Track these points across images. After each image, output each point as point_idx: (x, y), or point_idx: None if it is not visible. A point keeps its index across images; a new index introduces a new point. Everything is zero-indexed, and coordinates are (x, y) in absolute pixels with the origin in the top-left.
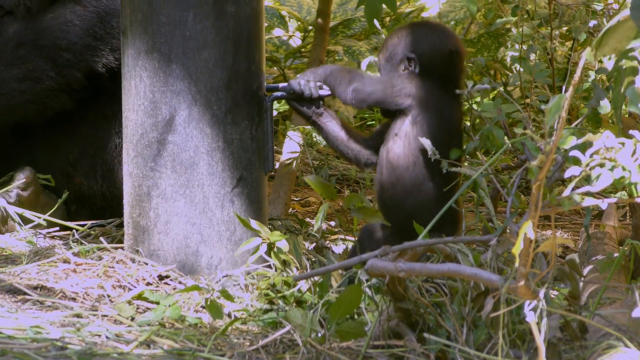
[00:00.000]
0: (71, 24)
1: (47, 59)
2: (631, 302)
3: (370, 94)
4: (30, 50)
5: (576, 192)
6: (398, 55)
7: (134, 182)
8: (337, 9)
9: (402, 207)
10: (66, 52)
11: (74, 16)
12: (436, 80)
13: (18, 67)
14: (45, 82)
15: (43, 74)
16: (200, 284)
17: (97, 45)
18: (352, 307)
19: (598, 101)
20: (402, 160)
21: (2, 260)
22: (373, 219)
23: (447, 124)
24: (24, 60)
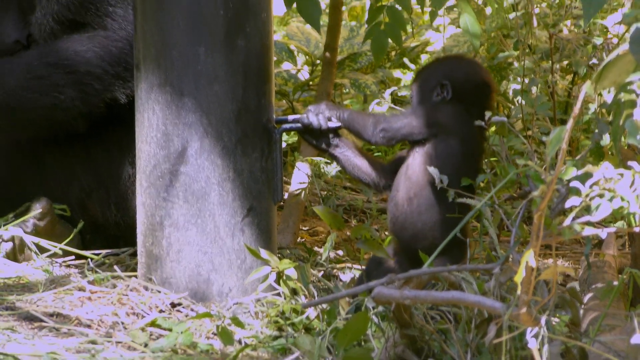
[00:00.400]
0: (106, 52)
1: (78, 88)
2: (630, 329)
3: (399, 129)
4: (64, 78)
5: (576, 221)
6: (432, 82)
7: (147, 212)
8: (344, 44)
9: (415, 224)
10: (98, 81)
11: (109, 43)
12: (466, 107)
13: (50, 97)
14: (72, 112)
15: (72, 104)
16: (212, 311)
17: (126, 76)
18: (359, 334)
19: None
20: (421, 177)
21: (19, 289)
22: (378, 252)
23: (471, 150)
24: (58, 90)
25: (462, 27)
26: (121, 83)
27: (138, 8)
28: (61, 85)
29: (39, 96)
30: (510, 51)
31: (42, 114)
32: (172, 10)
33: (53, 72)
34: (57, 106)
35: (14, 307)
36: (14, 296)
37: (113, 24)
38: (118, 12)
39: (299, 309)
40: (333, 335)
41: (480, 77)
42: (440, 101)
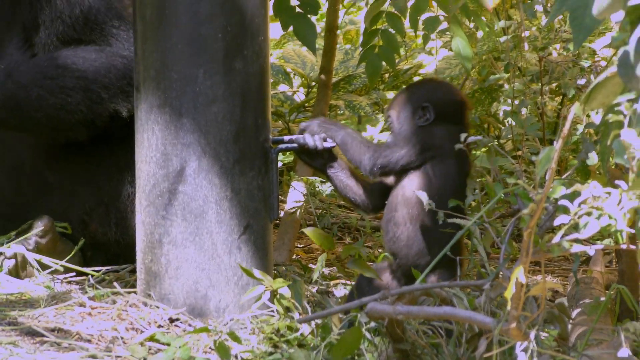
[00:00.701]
0: (112, 66)
1: (85, 94)
2: (617, 343)
3: (397, 162)
4: (74, 82)
5: (565, 239)
6: (412, 106)
7: (146, 230)
8: (339, 66)
9: (420, 241)
10: (104, 90)
11: (116, 57)
12: (449, 127)
13: (57, 97)
14: (76, 116)
15: (77, 109)
16: (209, 327)
17: (129, 91)
18: (353, 349)
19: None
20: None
21: (21, 304)
22: (366, 272)
23: (465, 168)
24: (66, 92)
25: (454, 50)
26: (124, 97)
27: (138, 30)
28: (69, 87)
29: (48, 95)
30: (501, 73)
31: (48, 113)
32: (171, 33)
33: (63, 75)
34: (63, 108)
35: (17, 323)
36: (16, 312)
37: (117, 44)
38: (121, 34)
39: (294, 327)
40: (327, 349)
41: (458, 96)
42: (424, 124)
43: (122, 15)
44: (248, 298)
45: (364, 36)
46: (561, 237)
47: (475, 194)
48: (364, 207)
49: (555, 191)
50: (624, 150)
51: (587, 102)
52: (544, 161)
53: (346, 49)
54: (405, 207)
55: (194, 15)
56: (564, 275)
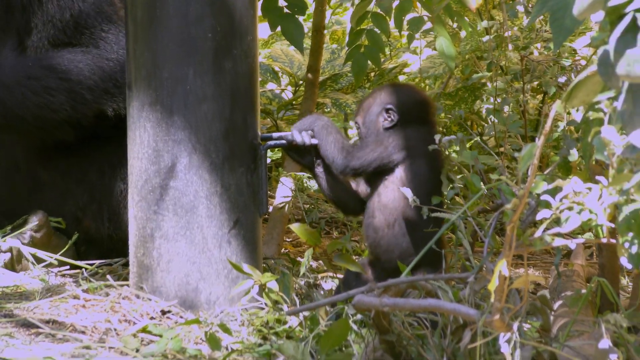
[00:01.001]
0: (98, 67)
1: (69, 95)
2: (598, 334)
3: (370, 164)
4: (57, 82)
5: (547, 233)
6: (376, 110)
7: (139, 225)
8: (326, 65)
9: (400, 245)
10: (88, 92)
11: (101, 60)
12: (416, 127)
13: (41, 96)
14: (60, 115)
15: (61, 107)
16: (200, 318)
17: (115, 92)
18: (341, 340)
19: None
20: (398, 203)
21: (16, 297)
22: (352, 267)
23: (435, 167)
24: (50, 92)
25: (438, 50)
26: (109, 97)
27: (129, 31)
28: (53, 88)
29: (31, 95)
30: (484, 72)
31: (33, 112)
32: (162, 33)
33: (47, 75)
34: (47, 106)
35: (12, 315)
36: (12, 304)
37: (105, 46)
38: (110, 37)
39: (282, 319)
40: (315, 341)
41: (420, 96)
42: (390, 125)
43: (112, 19)
44: (237, 292)
45: (350, 36)
46: (543, 231)
47: (455, 188)
48: (344, 208)
49: (537, 186)
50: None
51: (568, 100)
52: (526, 157)
53: (333, 49)
54: (383, 214)
55: (184, 16)
56: (545, 269)
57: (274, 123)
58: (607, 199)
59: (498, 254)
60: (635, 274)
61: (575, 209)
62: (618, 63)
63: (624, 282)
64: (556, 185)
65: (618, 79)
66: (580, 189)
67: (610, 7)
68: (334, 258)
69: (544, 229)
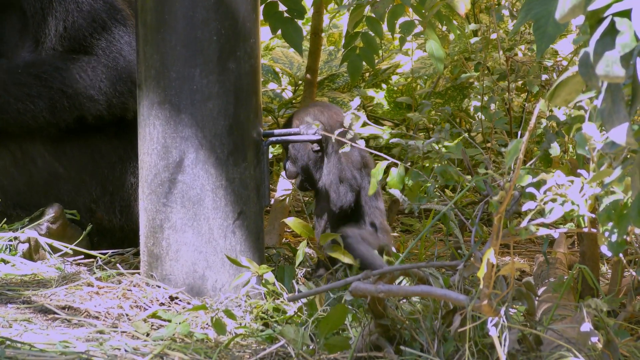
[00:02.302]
0: (85, 74)
1: (49, 102)
2: (579, 318)
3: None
4: (40, 90)
5: (532, 223)
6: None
7: (149, 216)
8: (324, 66)
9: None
10: (67, 99)
11: (88, 67)
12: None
13: (22, 103)
14: (39, 121)
15: (40, 114)
16: (206, 304)
17: (98, 99)
18: (338, 324)
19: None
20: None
21: (34, 284)
22: (343, 258)
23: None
24: (31, 100)
25: (428, 52)
26: (91, 104)
27: (140, 33)
28: (35, 96)
29: (13, 101)
30: (471, 72)
31: (14, 117)
32: (170, 36)
33: (31, 83)
34: (27, 113)
35: (30, 301)
36: (30, 291)
37: (99, 52)
38: (102, 44)
39: (280, 308)
40: (314, 325)
41: (339, 116)
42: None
43: (106, 26)
44: (236, 284)
45: (346, 38)
46: (528, 222)
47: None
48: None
49: (522, 179)
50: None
51: (551, 99)
52: (512, 152)
53: (330, 50)
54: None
55: (191, 20)
56: (530, 257)
57: (275, 120)
58: (588, 191)
59: (485, 243)
60: (614, 261)
61: (559, 200)
62: (597, 64)
63: (604, 269)
64: (540, 178)
65: (598, 79)
66: (563, 182)
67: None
68: (325, 250)
69: (529, 220)
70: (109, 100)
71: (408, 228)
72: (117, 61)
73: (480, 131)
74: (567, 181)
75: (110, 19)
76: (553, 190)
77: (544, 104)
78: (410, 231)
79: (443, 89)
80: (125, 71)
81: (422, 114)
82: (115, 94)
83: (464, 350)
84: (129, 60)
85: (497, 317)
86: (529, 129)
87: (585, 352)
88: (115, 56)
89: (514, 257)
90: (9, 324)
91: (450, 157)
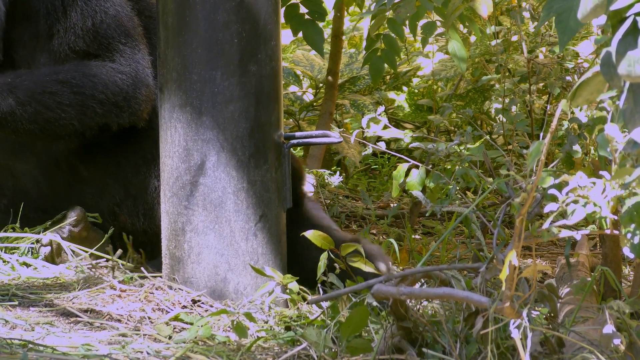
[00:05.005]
0: (111, 82)
1: (80, 109)
2: (602, 320)
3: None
4: (70, 98)
5: (554, 225)
6: None
7: (171, 219)
8: (345, 68)
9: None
10: (99, 105)
11: (115, 73)
12: None
13: (53, 112)
14: (68, 129)
15: (69, 123)
16: (228, 308)
17: (123, 106)
18: (360, 327)
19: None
20: None
21: (56, 288)
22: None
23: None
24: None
25: (450, 52)
26: (118, 112)
27: (161, 36)
28: (66, 104)
29: (44, 110)
30: (492, 75)
31: (42, 126)
32: (191, 38)
33: (62, 91)
34: (56, 122)
35: (53, 304)
36: (52, 294)
37: (121, 59)
38: (127, 50)
39: (303, 315)
40: (336, 328)
41: None
42: None
43: (130, 34)
44: (261, 293)
45: (367, 40)
46: (550, 224)
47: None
48: None
49: (544, 181)
50: (608, 143)
51: (573, 99)
52: (534, 154)
53: (351, 53)
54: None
55: (212, 22)
56: (552, 259)
57: (296, 123)
58: (611, 193)
59: (506, 245)
60: (637, 263)
61: (581, 202)
62: (620, 64)
63: (626, 271)
64: (562, 179)
65: (620, 79)
66: (585, 183)
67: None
68: (348, 260)
69: (551, 221)
70: (131, 108)
71: (429, 230)
72: (138, 70)
73: (501, 133)
74: (589, 182)
75: (133, 28)
76: (575, 192)
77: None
78: (432, 234)
79: (464, 91)
80: (143, 82)
81: (443, 117)
82: (135, 102)
83: (486, 352)
84: (146, 71)
85: (520, 319)
86: (551, 130)
87: (607, 354)
88: (135, 65)
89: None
90: (31, 327)
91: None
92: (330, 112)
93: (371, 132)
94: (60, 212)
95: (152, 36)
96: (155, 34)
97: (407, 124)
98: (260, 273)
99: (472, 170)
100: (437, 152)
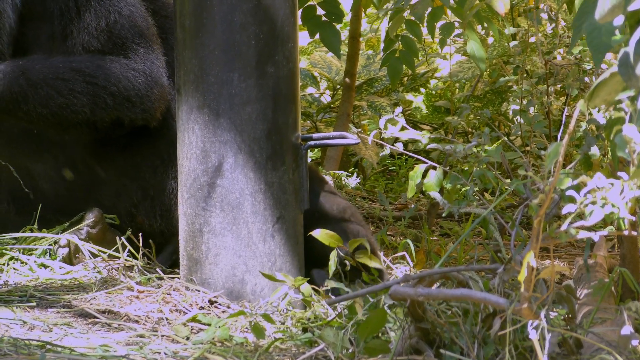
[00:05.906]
0: (124, 77)
1: (92, 99)
2: (620, 321)
3: None
4: (83, 86)
5: (572, 226)
6: None
7: (188, 220)
8: (362, 70)
9: None
10: (111, 97)
11: (128, 70)
12: None
13: (65, 97)
14: (79, 116)
15: (81, 110)
16: (246, 309)
17: (135, 102)
18: (378, 328)
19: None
20: None
21: (74, 289)
22: (372, 264)
23: None
24: (74, 95)
25: (469, 52)
26: (129, 106)
27: (178, 38)
28: (78, 91)
29: (56, 95)
30: (510, 76)
31: (54, 111)
32: (208, 40)
33: (75, 77)
34: (68, 107)
35: (70, 305)
36: (70, 295)
37: (135, 57)
38: (140, 50)
39: (319, 316)
40: (354, 329)
41: None
42: None
43: (144, 34)
44: (275, 297)
45: (385, 41)
46: (568, 225)
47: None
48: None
49: (563, 182)
50: (626, 144)
51: (590, 99)
52: (552, 155)
53: (368, 55)
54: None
55: (229, 24)
56: (570, 260)
57: (313, 125)
58: (629, 194)
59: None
60: None
61: (599, 203)
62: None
63: None
64: (580, 181)
65: (638, 79)
66: (603, 184)
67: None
68: (355, 256)
69: (568, 223)
70: (144, 105)
71: (447, 232)
72: (152, 69)
73: (519, 135)
74: (608, 184)
75: (147, 28)
76: (593, 193)
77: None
78: (450, 235)
79: (482, 92)
80: (157, 81)
81: (460, 118)
82: (148, 100)
83: (504, 353)
84: (160, 71)
85: (538, 320)
86: (569, 132)
87: (626, 355)
88: (149, 64)
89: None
90: (49, 328)
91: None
92: (347, 113)
93: (389, 133)
94: (78, 213)
95: (168, 36)
96: (172, 34)
97: (425, 125)
98: (271, 279)
99: (490, 172)
100: (455, 153)
